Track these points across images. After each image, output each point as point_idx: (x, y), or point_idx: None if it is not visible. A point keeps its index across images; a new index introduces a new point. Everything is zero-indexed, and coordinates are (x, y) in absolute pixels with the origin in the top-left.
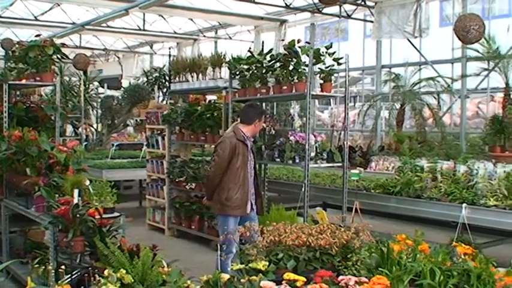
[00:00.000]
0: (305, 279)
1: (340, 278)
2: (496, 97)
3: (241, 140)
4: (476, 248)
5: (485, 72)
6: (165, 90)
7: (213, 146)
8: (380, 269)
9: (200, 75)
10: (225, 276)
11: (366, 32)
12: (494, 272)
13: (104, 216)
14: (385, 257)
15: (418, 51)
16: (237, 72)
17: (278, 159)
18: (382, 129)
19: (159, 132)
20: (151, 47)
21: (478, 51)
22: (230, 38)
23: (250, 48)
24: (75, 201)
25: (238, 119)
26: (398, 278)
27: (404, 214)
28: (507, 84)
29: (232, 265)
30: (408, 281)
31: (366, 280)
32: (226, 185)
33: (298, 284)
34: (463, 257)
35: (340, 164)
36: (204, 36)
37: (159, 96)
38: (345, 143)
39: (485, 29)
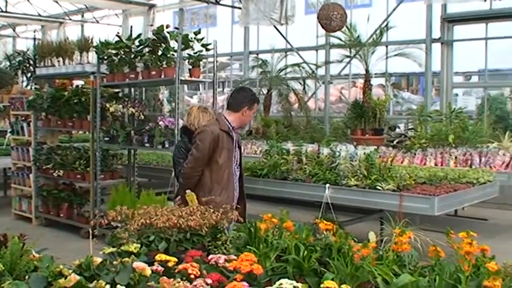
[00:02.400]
0: (176, 260)
1: (210, 256)
2: (358, 83)
3: (226, 131)
4: (339, 226)
5: (348, 59)
6: (29, 75)
7: (81, 132)
8: (248, 247)
9: (67, 60)
10: (98, 260)
11: (234, 18)
12: (353, 245)
13: None
14: (253, 235)
15: (284, 38)
16: (105, 57)
17: (147, 145)
18: None
19: (23, 118)
20: (14, 30)
21: (341, 39)
22: (97, 22)
23: (118, 32)
24: None
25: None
26: (266, 255)
27: (271, 196)
28: (367, 70)
29: (103, 249)
30: (275, 257)
31: (235, 258)
32: (207, 185)
33: (169, 264)
34: (325, 233)
35: None
36: (70, 19)
37: (23, 81)
38: None
39: (347, 18)
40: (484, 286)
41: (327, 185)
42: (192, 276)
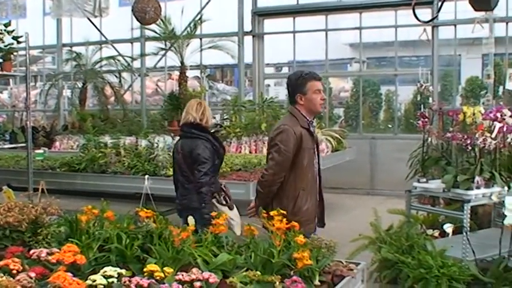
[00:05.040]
0: None
1: (31, 251)
2: (174, 75)
3: (306, 128)
4: (163, 217)
5: (163, 52)
6: None
7: None
8: (70, 239)
9: None
10: None
11: (45, 10)
12: (173, 230)
13: None
14: (74, 227)
15: (98, 30)
16: None
17: None
18: (65, 109)
19: None
20: None
21: (156, 32)
22: None
23: None
24: None
25: None
26: (88, 246)
27: (91, 190)
28: (182, 63)
29: None
30: (98, 247)
31: (57, 250)
32: (291, 192)
33: None
34: (146, 220)
35: (24, 145)
36: None
37: None
38: (28, 123)
39: (161, 11)
40: (294, 257)
41: (146, 176)
42: (14, 271)
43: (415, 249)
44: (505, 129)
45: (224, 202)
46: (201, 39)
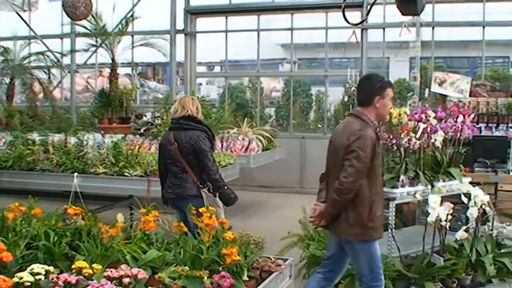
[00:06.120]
0: None
1: None
2: (104, 72)
3: (376, 132)
4: (92, 215)
5: (94, 48)
6: None
7: None
8: None
9: None
10: None
11: None
12: (102, 228)
13: None
14: (0, 225)
15: (27, 25)
16: None
17: None
18: None
19: None
20: None
21: (86, 28)
22: None
23: None
24: None
25: None
26: (15, 244)
27: (18, 188)
28: (113, 60)
29: None
30: (25, 245)
31: None
32: (366, 198)
33: None
34: (74, 218)
35: None
36: None
37: None
38: None
39: (92, 7)
40: (223, 253)
41: (75, 174)
42: None
43: None
44: (429, 129)
45: (212, 191)
46: (132, 36)
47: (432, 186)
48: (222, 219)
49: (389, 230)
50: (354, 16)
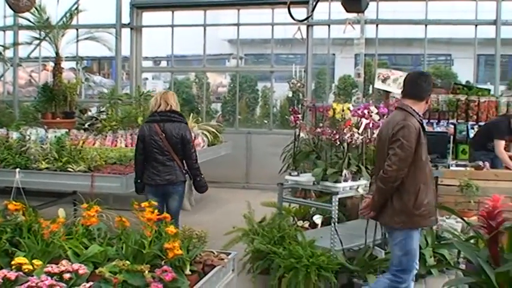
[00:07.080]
0: None
1: None
2: (48, 66)
3: (421, 123)
4: (32, 209)
5: (37, 42)
6: None
7: None
8: None
9: None
10: None
11: None
12: (43, 223)
13: None
14: None
15: None
16: None
17: None
18: None
19: None
20: None
21: (30, 21)
22: None
23: None
24: None
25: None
26: None
27: None
28: (57, 53)
29: None
30: None
31: None
32: (412, 186)
33: None
34: (15, 213)
35: None
36: None
37: None
38: None
39: None
40: (165, 248)
41: (17, 170)
42: None
43: (286, 240)
44: (371, 125)
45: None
46: (77, 30)
47: None
48: (165, 213)
49: (332, 224)
50: (300, 12)
